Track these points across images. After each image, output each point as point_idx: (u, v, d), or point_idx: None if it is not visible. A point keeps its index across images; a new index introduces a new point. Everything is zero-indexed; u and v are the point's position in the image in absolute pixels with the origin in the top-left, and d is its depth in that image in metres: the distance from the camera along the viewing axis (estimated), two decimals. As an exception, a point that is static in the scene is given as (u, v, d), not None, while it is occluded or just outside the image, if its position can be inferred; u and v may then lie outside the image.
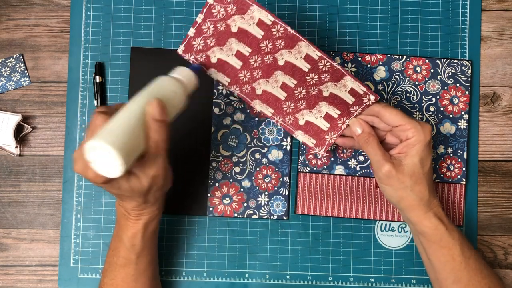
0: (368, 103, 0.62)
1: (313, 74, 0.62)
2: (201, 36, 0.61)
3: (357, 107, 0.63)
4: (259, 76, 0.63)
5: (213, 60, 0.62)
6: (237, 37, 0.60)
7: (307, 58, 0.61)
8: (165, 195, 0.61)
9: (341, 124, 0.65)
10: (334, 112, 0.64)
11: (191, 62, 0.63)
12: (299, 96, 0.64)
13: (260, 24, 0.59)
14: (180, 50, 0.62)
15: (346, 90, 0.62)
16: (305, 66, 0.61)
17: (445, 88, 0.71)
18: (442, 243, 0.61)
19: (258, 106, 0.66)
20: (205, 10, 0.59)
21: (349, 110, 0.64)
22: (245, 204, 0.71)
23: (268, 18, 0.58)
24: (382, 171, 0.60)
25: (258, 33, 0.60)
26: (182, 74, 0.58)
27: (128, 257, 0.60)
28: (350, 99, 0.63)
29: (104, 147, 0.47)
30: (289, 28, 0.59)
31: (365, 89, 0.61)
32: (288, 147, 0.71)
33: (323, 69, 0.61)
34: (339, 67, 0.61)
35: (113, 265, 0.61)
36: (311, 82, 0.63)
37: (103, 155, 0.48)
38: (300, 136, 0.67)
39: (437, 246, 0.61)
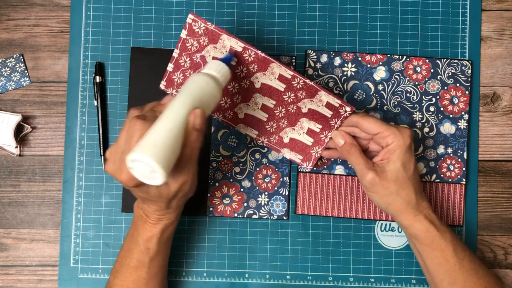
0: (345, 115, 0.64)
1: (290, 93, 0.63)
2: (180, 70, 0.63)
3: (336, 119, 0.64)
4: (239, 101, 0.64)
5: None
6: None
7: (281, 78, 0.62)
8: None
9: (324, 137, 0.66)
10: (316, 127, 0.66)
11: (173, 96, 0.59)
12: (280, 115, 0.65)
13: (232, 51, 0.60)
14: (162, 86, 0.64)
15: (322, 105, 0.64)
16: (280, 86, 0.63)
17: (445, 88, 0.71)
18: (434, 245, 0.61)
19: (242, 129, 0.67)
20: (179, 44, 0.61)
21: (329, 123, 0.65)
22: (245, 204, 0.71)
23: (238, 45, 0.60)
24: (366, 179, 0.61)
25: (232, 60, 0.61)
26: (218, 69, 0.57)
27: (142, 260, 0.60)
28: (328, 113, 0.64)
29: (149, 161, 0.46)
30: (259, 52, 0.60)
31: (340, 102, 0.63)
32: (288, 147, 0.71)
33: (298, 86, 0.63)
34: (311, 83, 0.62)
35: (125, 266, 0.61)
36: (289, 101, 0.64)
37: (146, 166, 0.47)
38: (286, 153, 0.68)
39: (430, 249, 0.61)
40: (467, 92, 0.71)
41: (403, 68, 0.71)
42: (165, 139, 0.48)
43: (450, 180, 0.71)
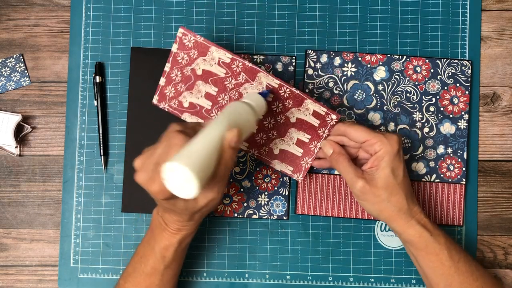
0: (331, 123, 0.64)
1: (277, 103, 0.64)
2: (171, 84, 0.64)
3: (323, 128, 0.65)
4: None
5: (185, 104, 0.65)
6: (203, 79, 0.63)
7: (268, 88, 0.63)
8: None
9: (314, 147, 0.66)
10: (305, 137, 0.66)
11: (165, 110, 0.65)
12: (269, 126, 0.66)
13: (221, 63, 0.62)
14: (154, 100, 0.65)
15: (309, 114, 0.64)
16: (268, 96, 0.63)
17: (445, 88, 0.71)
18: (428, 249, 0.61)
19: None
20: (170, 59, 0.63)
21: (317, 133, 0.65)
22: (245, 204, 0.71)
23: (226, 56, 0.61)
24: (356, 187, 0.61)
25: (221, 71, 0.62)
26: (254, 99, 0.60)
27: (156, 267, 0.60)
28: (315, 122, 0.64)
29: (186, 172, 0.47)
30: (246, 62, 0.61)
31: (325, 110, 0.63)
32: (288, 147, 0.71)
33: (285, 95, 0.63)
34: (297, 91, 0.62)
35: (139, 271, 0.61)
36: (277, 111, 0.65)
37: (181, 177, 0.47)
38: (277, 165, 0.68)
39: (425, 253, 0.61)
40: (467, 92, 0.71)
41: (403, 68, 0.71)
42: (202, 153, 0.49)
43: (450, 180, 0.71)
